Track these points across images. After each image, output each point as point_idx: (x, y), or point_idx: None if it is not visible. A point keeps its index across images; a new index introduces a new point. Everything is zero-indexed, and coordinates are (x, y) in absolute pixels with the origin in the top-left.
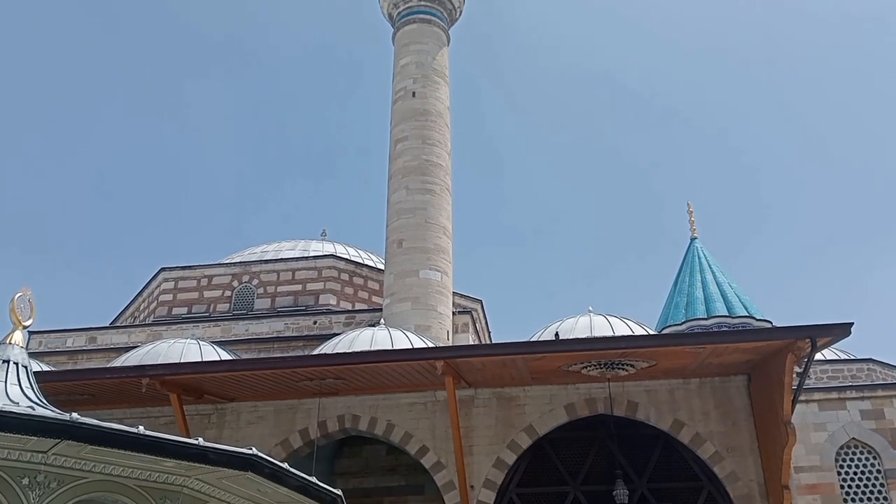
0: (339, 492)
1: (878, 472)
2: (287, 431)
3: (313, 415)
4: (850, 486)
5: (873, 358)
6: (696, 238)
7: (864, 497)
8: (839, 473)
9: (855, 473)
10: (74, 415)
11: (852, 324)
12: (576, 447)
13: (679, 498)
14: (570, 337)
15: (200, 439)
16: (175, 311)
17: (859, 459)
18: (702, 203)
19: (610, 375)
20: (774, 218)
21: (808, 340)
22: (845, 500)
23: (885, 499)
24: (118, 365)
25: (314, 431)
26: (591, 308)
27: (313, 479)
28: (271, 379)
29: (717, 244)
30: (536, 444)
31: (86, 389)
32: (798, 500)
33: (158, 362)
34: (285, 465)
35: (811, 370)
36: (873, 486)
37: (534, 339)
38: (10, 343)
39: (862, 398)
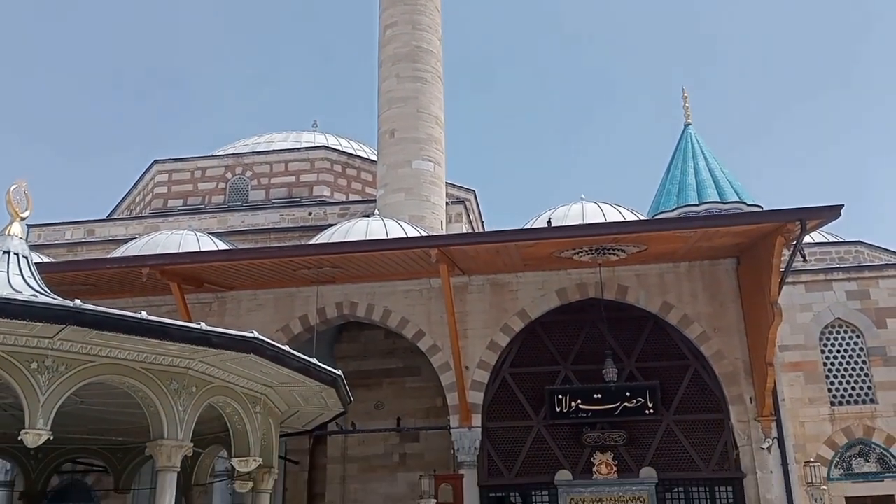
0: (339, 372)
1: (861, 350)
2: (287, 318)
3: (312, 302)
4: (832, 364)
5: (861, 240)
6: (689, 124)
7: (846, 374)
8: (822, 352)
9: (838, 352)
10: (77, 301)
11: (842, 206)
12: (567, 330)
13: (666, 376)
14: (563, 224)
15: (203, 324)
16: (171, 202)
17: (843, 338)
18: (696, 89)
19: (601, 261)
20: (767, 105)
21: (797, 223)
22: (827, 377)
23: (866, 375)
24: (118, 255)
25: (313, 318)
26: (583, 196)
27: (314, 361)
28: (269, 268)
29: (710, 131)
30: (529, 328)
31: (87, 280)
32: (781, 377)
33: (158, 252)
34: (286, 348)
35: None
36: (855, 363)
37: (527, 227)
38: (9, 234)
39: (848, 279)
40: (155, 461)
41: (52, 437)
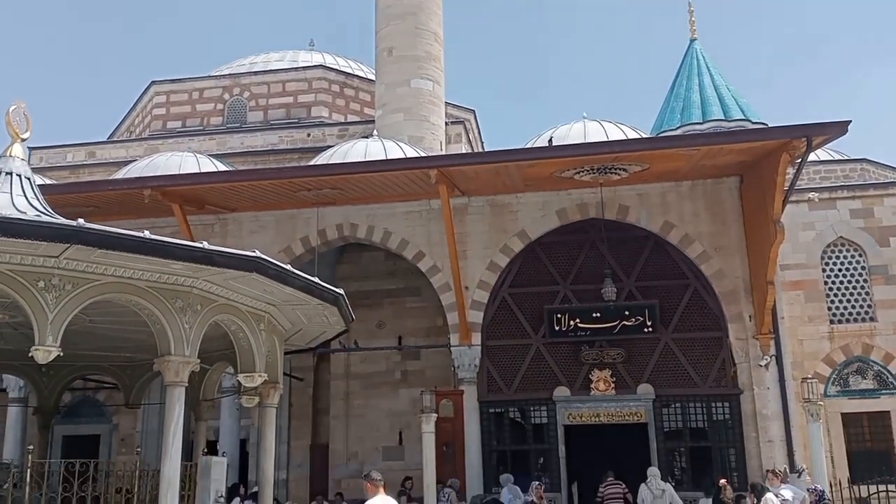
0: (340, 291)
1: (863, 268)
2: (288, 239)
3: (313, 224)
4: (832, 283)
5: (867, 158)
6: (695, 39)
7: (846, 292)
8: (823, 270)
9: (839, 270)
10: (81, 221)
11: (849, 122)
12: (566, 250)
13: (665, 295)
14: (564, 143)
15: (205, 243)
16: (169, 124)
17: (845, 257)
18: (703, 3)
19: (602, 180)
20: (773, 19)
21: (803, 139)
22: (827, 296)
23: (866, 294)
24: (120, 177)
25: (314, 239)
26: (585, 114)
27: (316, 280)
28: (270, 189)
29: (717, 47)
30: (528, 248)
31: (90, 202)
32: (782, 295)
33: (158, 174)
34: (288, 267)
35: (803, 171)
36: (856, 282)
37: (527, 146)
38: (10, 156)
39: (853, 198)
40: (163, 377)
41: (61, 354)
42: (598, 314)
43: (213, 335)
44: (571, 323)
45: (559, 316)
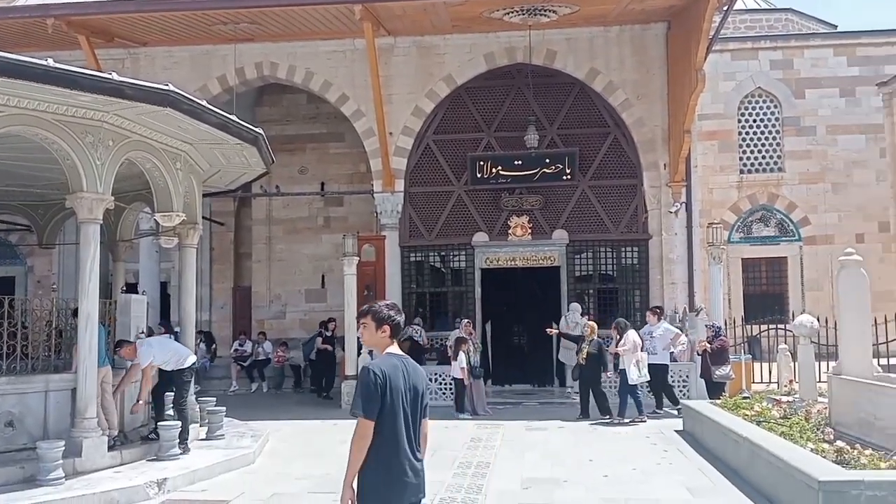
0: (260, 130)
1: (777, 119)
2: (204, 77)
3: (230, 62)
4: (746, 133)
5: (793, 8)
6: None
7: (759, 143)
8: (739, 121)
9: (754, 121)
10: None
11: None
12: (493, 96)
13: (586, 143)
14: None
15: (115, 74)
16: None
17: (761, 108)
18: None
19: (532, 23)
20: None
21: None
22: (740, 146)
23: (777, 145)
24: (20, 4)
25: (232, 78)
26: None
27: (233, 117)
28: (184, 21)
29: None
30: (454, 94)
31: None
32: (697, 145)
33: (63, 1)
34: (204, 103)
35: (729, 20)
36: (769, 133)
37: None
38: None
39: (774, 48)
40: (76, 214)
41: None
42: (520, 162)
43: (128, 174)
44: (493, 170)
45: (482, 163)
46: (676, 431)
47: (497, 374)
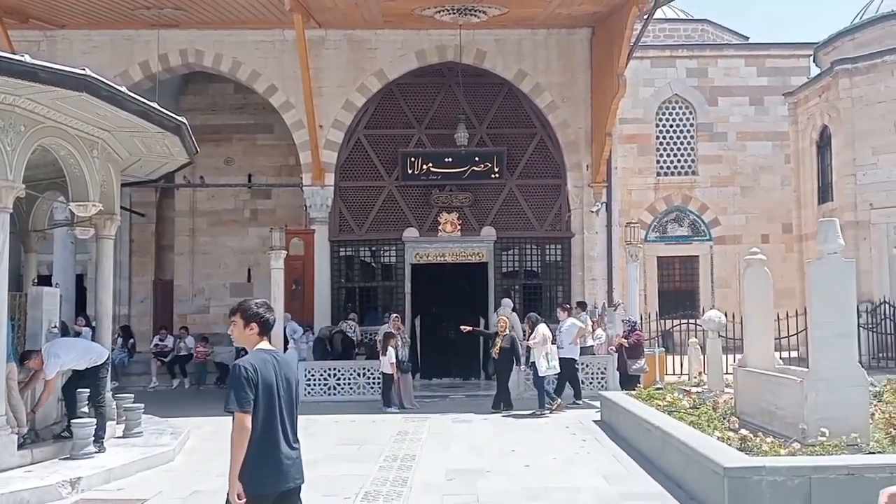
0: (183, 119)
1: (692, 125)
2: (125, 63)
3: (153, 47)
4: (664, 137)
5: (708, 19)
6: None
7: (675, 147)
8: (657, 125)
9: (671, 126)
10: None
11: None
12: (423, 93)
13: (513, 143)
14: None
15: (27, 56)
16: None
17: (677, 114)
18: None
19: (462, 22)
20: None
21: None
22: (658, 150)
23: (691, 149)
24: None
25: (155, 65)
26: None
27: (154, 105)
28: (105, 4)
29: None
30: (386, 89)
31: None
32: (617, 147)
33: None
34: (123, 89)
35: (649, 28)
36: (684, 137)
37: None
38: None
39: (691, 57)
40: None
41: None
42: (451, 159)
43: (41, 161)
44: (424, 167)
45: (413, 159)
46: (595, 422)
47: (426, 368)
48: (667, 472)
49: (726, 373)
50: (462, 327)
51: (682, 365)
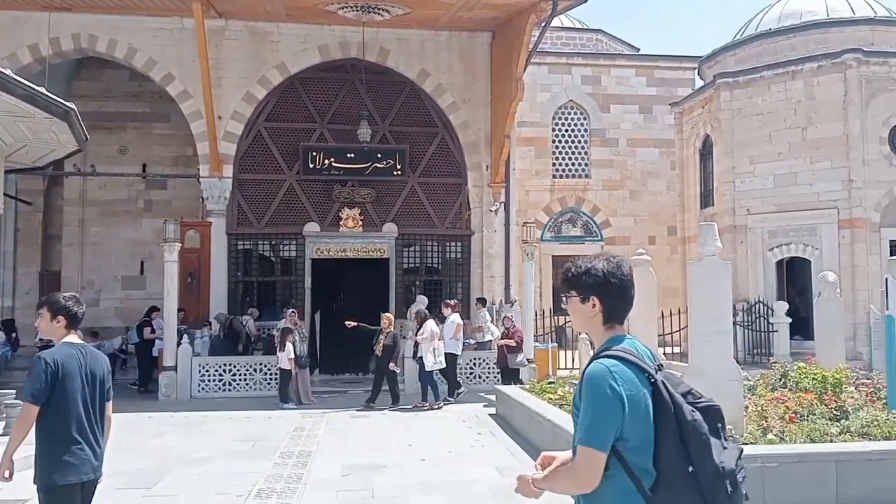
0: (72, 105)
1: (585, 130)
2: (14, 46)
3: (44, 30)
4: (559, 141)
5: (603, 29)
6: None
7: (569, 151)
8: (553, 130)
9: (566, 131)
10: None
11: None
12: (326, 88)
13: (416, 141)
14: None
15: None
16: None
17: (572, 119)
18: None
19: (365, 19)
20: None
21: (550, 2)
22: (554, 153)
23: (585, 153)
24: None
25: (46, 48)
26: None
27: (42, 90)
28: None
29: None
30: (287, 83)
31: None
32: (516, 149)
33: None
34: (8, 72)
35: (547, 35)
36: (578, 142)
37: None
38: None
39: (585, 65)
40: None
41: None
42: (353, 155)
43: None
44: (326, 162)
45: (314, 154)
46: (490, 415)
47: (325, 364)
48: None
49: None
50: (347, 323)
51: (573, 359)
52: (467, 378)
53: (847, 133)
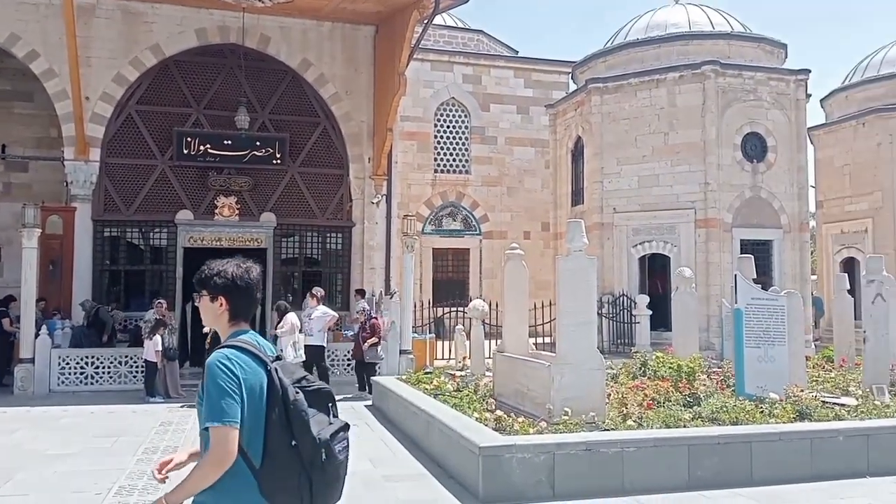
0: None
1: (466, 127)
2: None
3: None
4: (441, 137)
5: (484, 30)
6: None
7: (451, 147)
8: (435, 125)
9: (448, 127)
10: None
11: None
12: (203, 72)
13: (296, 130)
14: None
15: None
16: None
17: (453, 116)
18: None
19: (246, 5)
20: None
21: (433, 0)
22: (436, 148)
23: (466, 150)
24: None
25: None
26: None
27: None
28: None
29: None
30: (162, 65)
31: None
32: (398, 143)
33: None
34: None
35: (430, 33)
36: (460, 138)
37: None
38: None
39: (467, 64)
40: None
41: None
42: (230, 142)
43: None
44: (201, 148)
45: (189, 139)
46: (367, 406)
47: (196, 356)
48: (431, 454)
49: (488, 357)
50: (205, 331)
51: (450, 350)
52: (343, 370)
53: (704, 139)
